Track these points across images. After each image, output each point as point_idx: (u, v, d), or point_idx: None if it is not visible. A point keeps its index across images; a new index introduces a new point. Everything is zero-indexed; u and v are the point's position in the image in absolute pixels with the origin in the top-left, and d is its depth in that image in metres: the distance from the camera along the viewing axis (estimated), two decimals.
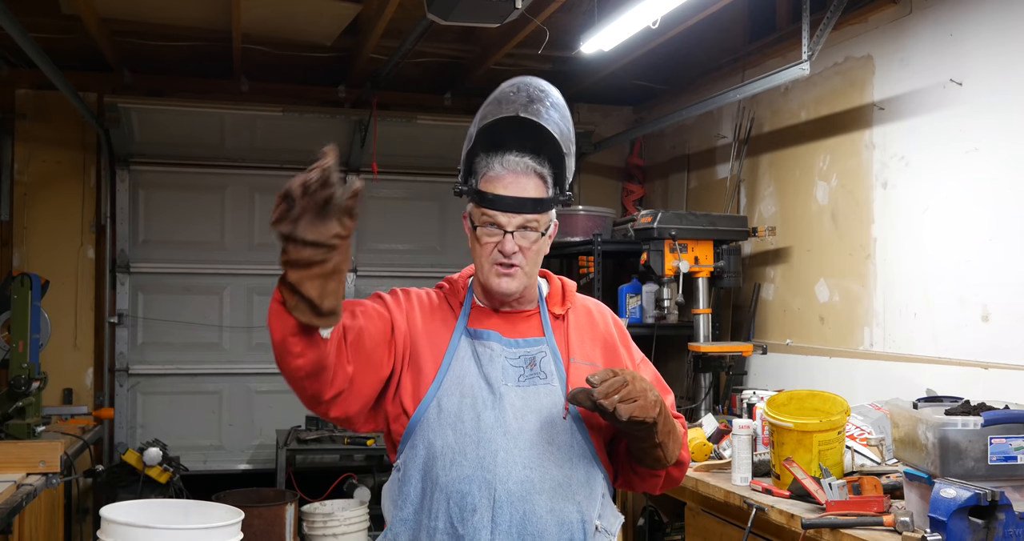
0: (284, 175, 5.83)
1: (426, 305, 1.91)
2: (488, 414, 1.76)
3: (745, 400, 3.88)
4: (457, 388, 1.79)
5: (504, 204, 1.80)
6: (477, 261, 1.86)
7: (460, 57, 5.44)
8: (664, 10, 3.72)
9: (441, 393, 1.79)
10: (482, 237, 1.83)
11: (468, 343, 1.85)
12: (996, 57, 3.30)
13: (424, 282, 6.15)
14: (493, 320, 1.89)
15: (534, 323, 1.90)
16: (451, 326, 1.87)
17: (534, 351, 1.86)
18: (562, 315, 1.93)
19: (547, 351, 1.87)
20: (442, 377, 1.81)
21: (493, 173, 1.83)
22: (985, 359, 3.29)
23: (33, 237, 5.42)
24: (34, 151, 5.43)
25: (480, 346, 1.84)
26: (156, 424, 5.61)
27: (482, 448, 1.74)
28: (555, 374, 1.84)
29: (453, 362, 1.82)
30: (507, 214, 1.80)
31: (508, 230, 1.80)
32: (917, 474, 2.56)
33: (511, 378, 1.81)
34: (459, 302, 1.91)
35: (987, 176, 3.34)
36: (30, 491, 3.45)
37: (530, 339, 1.88)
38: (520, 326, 1.89)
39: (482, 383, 1.80)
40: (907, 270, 3.72)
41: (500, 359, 1.83)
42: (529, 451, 1.75)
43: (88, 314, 5.52)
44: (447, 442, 1.76)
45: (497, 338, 1.85)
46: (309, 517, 4.84)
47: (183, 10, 4.57)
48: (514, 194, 1.80)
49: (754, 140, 4.85)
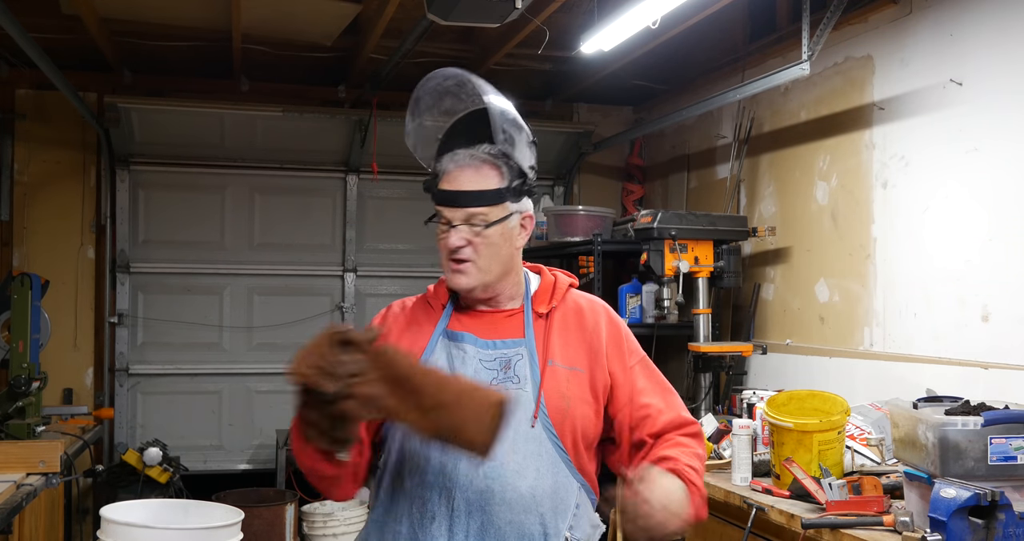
0: (284, 175, 5.85)
1: (401, 318, 1.89)
2: None
3: (745, 400, 3.88)
4: None
5: (445, 198, 1.78)
6: (440, 257, 1.84)
7: (460, 57, 5.44)
8: (664, 10, 3.72)
9: None
10: (439, 233, 1.81)
11: (444, 345, 1.82)
12: (996, 57, 3.30)
13: (424, 282, 6.11)
14: (473, 321, 1.84)
15: (515, 323, 1.84)
16: (429, 330, 1.84)
17: (510, 353, 1.80)
18: (545, 314, 1.86)
19: (524, 353, 1.80)
20: None
21: (444, 169, 1.81)
22: (985, 359, 3.29)
23: (33, 237, 5.42)
24: (34, 151, 5.43)
25: (455, 348, 1.81)
26: (156, 424, 5.60)
27: (445, 455, 1.71)
28: (528, 379, 1.78)
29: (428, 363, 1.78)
30: (450, 208, 1.77)
31: (454, 224, 1.78)
32: (917, 474, 2.56)
33: (482, 381, 1.75)
34: (441, 304, 1.88)
35: (987, 176, 3.33)
36: (30, 491, 3.45)
37: (508, 341, 1.82)
38: (500, 327, 1.84)
39: None
40: (907, 270, 3.72)
41: (473, 361, 1.78)
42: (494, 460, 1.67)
43: (88, 314, 5.52)
44: (414, 447, 1.74)
45: (472, 340, 1.81)
46: (309, 517, 4.85)
47: (183, 10, 4.57)
48: (458, 188, 1.77)
49: (754, 140, 4.85)
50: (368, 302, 6.03)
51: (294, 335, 5.86)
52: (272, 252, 5.88)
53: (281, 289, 5.90)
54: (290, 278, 5.92)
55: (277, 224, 5.88)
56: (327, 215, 5.98)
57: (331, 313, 5.97)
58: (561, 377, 1.79)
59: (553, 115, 6.25)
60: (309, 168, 5.90)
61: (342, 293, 5.97)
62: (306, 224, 5.93)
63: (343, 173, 5.96)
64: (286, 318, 5.86)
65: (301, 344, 1.49)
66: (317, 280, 5.97)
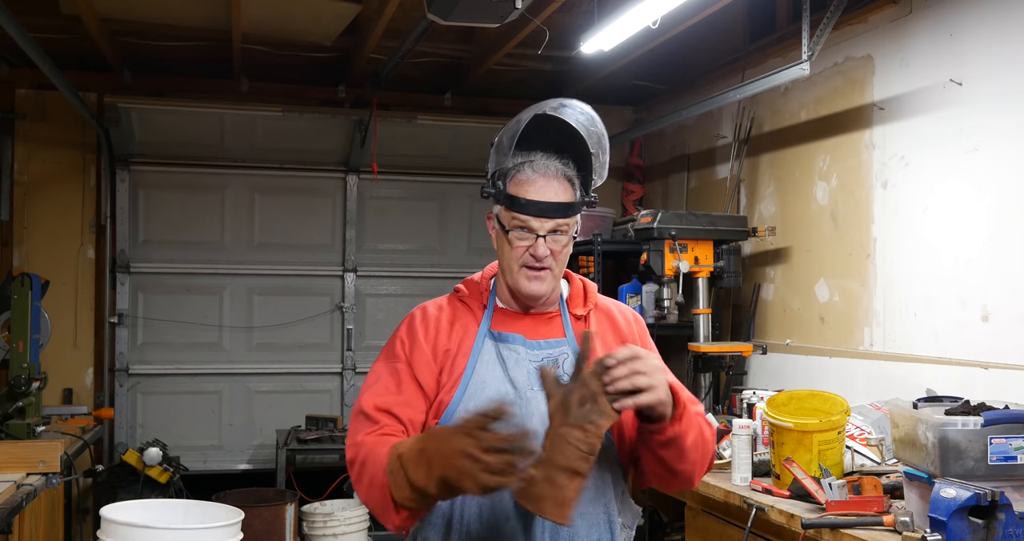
0: (284, 175, 5.85)
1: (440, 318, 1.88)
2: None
3: (745, 400, 3.88)
4: (482, 392, 1.78)
5: (537, 209, 1.78)
6: (506, 263, 1.84)
7: (460, 57, 5.44)
8: (664, 10, 3.72)
9: (467, 398, 1.77)
10: (513, 241, 1.81)
11: (492, 346, 1.84)
12: (996, 57, 3.30)
13: (424, 282, 6.19)
14: (516, 322, 1.88)
15: (556, 324, 1.89)
16: (473, 329, 1.86)
17: (556, 353, 1.85)
18: (583, 316, 1.92)
19: (569, 353, 1.85)
20: (467, 381, 1.79)
21: (524, 177, 1.81)
22: (985, 359, 3.29)
23: (33, 237, 5.42)
24: (34, 151, 5.43)
25: (505, 349, 1.83)
26: (156, 424, 5.61)
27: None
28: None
29: (478, 365, 1.81)
30: (539, 219, 1.79)
31: (540, 234, 1.79)
32: (917, 474, 2.56)
33: (535, 381, 1.76)
34: (481, 305, 1.90)
35: (987, 176, 3.33)
36: (30, 491, 3.45)
37: (552, 341, 1.86)
38: (542, 328, 1.88)
39: (508, 387, 1.79)
40: (907, 270, 3.72)
41: (524, 361, 1.81)
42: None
43: (88, 314, 5.52)
44: None
45: (521, 341, 1.84)
46: (309, 517, 4.84)
47: (183, 10, 4.57)
48: (545, 198, 1.79)
49: (754, 140, 4.85)
50: (368, 302, 6.03)
51: (294, 335, 5.87)
52: (272, 252, 5.88)
53: (281, 289, 5.90)
54: (290, 278, 5.92)
55: (277, 224, 5.88)
56: (327, 215, 5.98)
57: (331, 313, 5.97)
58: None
59: None
60: (309, 168, 5.90)
61: (342, 293, 5.97)
62: (306, 224, 5.93)
63: (343, 173, 5.96)
64: (286, 318, 5.86)
65: (301, 344, 1.48)
66: (317, 280, 5.97)
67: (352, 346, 5.95)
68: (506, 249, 1.83)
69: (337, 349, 5.97)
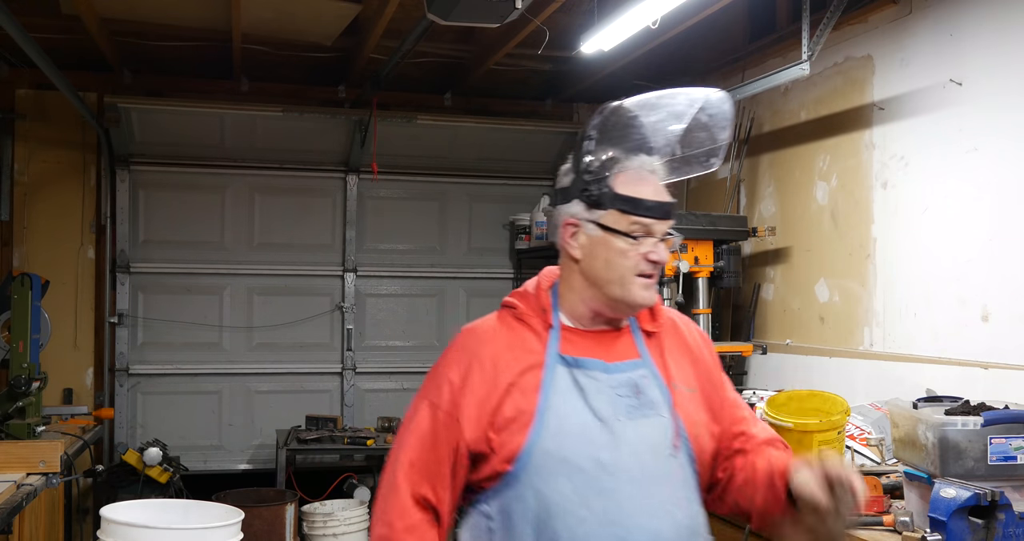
0: (284, 175, 5.85)
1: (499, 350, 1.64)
2: (605, 456, 1.56)
3: (745, 400, 3.88)
4: (563, 428, 1.57)
5: (661, 210, 1.63)
6: (616, 274, 1.63)
7: (460, 57, 5.43)
8: (664, 10, 3.72)
9: (546, 437, 1.56)
10: (627, 247, 1.63)
11: (565, 373, 1.62)
12: (996, 57, 3.30)
13: (424, 282, 6.19)
14: (587, 342, 1.67)
15: (627, 343, 1.70)
16: (539, 354, 1.64)
17: (636, 376, 1.65)
18: (655, 332, 1.74)
19: (648, 375, 1.67)
20: (543, 417, 1.57)
21: (636, 175, 1.63)
22: (985, 359, 3.29)
23: (33, 237, 5.42)
24: (34, 151, 5.43)
25: (583, 376, 1.62)
26: (156, 424, 5.60)
27: (606, 498, 1.54)
28: (663, 403, 1.64)
29: (552, 397, 1.59)
30: (660, 221, 1.63)
31: (659, 238, 1.65)
32: (917, 474, 2.56)
33: (621, 411, 1.60)
34: (545, 324, 1.68)
35: (987, 176, 3.33)
36: (30, 491, 3.45)
37: (628, 362, 1.67)
38: (615, 347, 1.68)
39: (592, 419, 1.58)
40: (907, 270, 3.72)
41: (606, 390, 1.61)
42: (652, 497, 1.57)
43: (88, 314, 5.52)
44: (563, 493, 1.54)
45: (601, 366, 1.64)
46: (309, 517, 4.84)
47: (183, 10, 4.57)
48: (662, 198, 1.64)
49: (754, 140, 4.85)
50: (368, 302, 6.03)
51: (294, 335, 5.87)
52: (272, 252, 5.88)
53: (281, 289, 5.90)
54: (290, 278, 5.92)
55: (277, 224, 5.87)
56: (327, 215, 5.97)
57: (331, 313, 5.97)
58: (686, 399, 1.66)
59: (553, 115, 6.25)
60: (309, 168, 5.90)
61: (342, 293, 5.96)
62: (306, 224, 5.93)
63: (343, 173, 5.95)
64: (286, 318, 5.86)
65: (301, 344, 1.47)
66: (317, 280, 5.97)
67: (352, 346, 5.95)
68: (614, 257, 1.63)
69: (337, 349, 5.97)
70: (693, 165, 1.71)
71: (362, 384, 6.01)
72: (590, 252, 1.65)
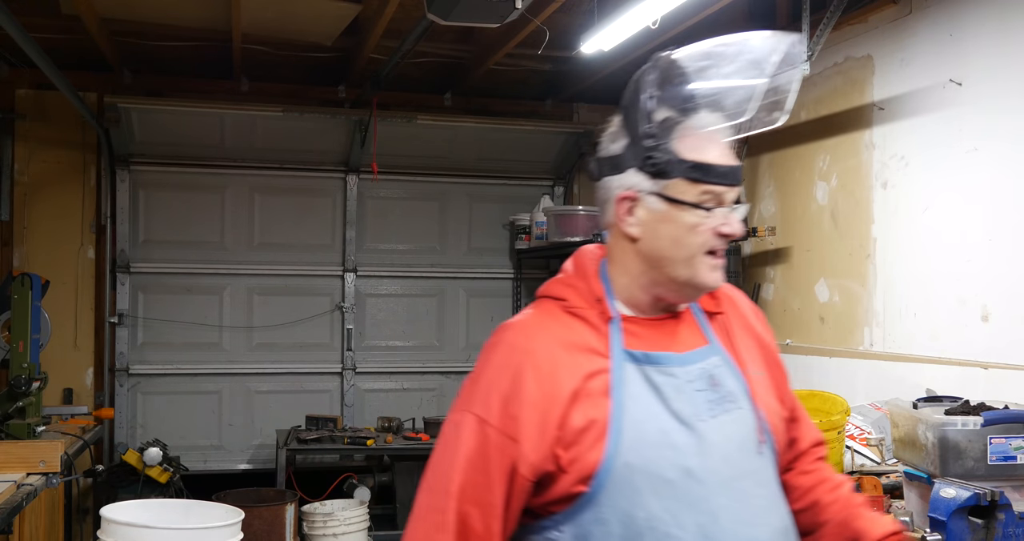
0: (284, 175, 5.86)
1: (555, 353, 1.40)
2: (694, 464, 1.36)
3: None
4: (643, 437, 1.36)
5: (733, 176, 1.41)
6: (683, 253, 1.42)
7: (460, 57, 5.44)
8: (664, 10, 3.72)
9: (625, 449, 1.35)
10: (698, 221, 1.41)
11: (635, 371, 1.41)
12: (996, 57, 3.30)
13: (424, 282, 6.19)
14: (651, 333, 1.46)
15: (691, 328, 1.51)
16: (601, 351, 1.41)
17: (709, 366, 1.46)
18: (717, 313, 1.55)
19: (721, 363, 1.48)
20: (619, 427, 1.35)
21: (703, 137, 1.41)
22: (985, 359, 3.29)
23: (33, 237, 5.42)
24: (34, 151, 5.43)
25: (657, 374, 1.41)
26: (156, 424, 5.61)
27: (699, 512, 1.35)
28: (741, 393, 1.46)
29: (625, 401, 1.37)
30: (731, 188, 1.42)
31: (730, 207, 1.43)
32: (917, 474, 2.56)
33: (702, 409, 1.41)
34: (604, 316, 1.44)
35: (987, 176, 3.34)
36: (30, 491, 3.45)
37: (698, 350, 1.47)
38: (681, 336, 1.48)
39: (673, 424, 1.38)
40: (907, 270, 3.72)
41: (685, 386, 1.42)
42: (746, 503, 1.39)
43: (88, 314, 5.51)
44: (651, 511, 1.34)
45: (676, 360, 1.44)
46: (309, 517, 4.84)
47: (183, 10, 4.57)
48: (731, 162, 1.43)
49: (754, 140, 4.85)
50: (368, 302, 6.03)
51: (294, 335, 5.87)
52: (272, 252, 5.88)
53: (281, 289, 5.90)
54: (290, 278, 5.92)
55: (277, 224, 5.88)
56: (327, 215, 5.97)
57: (331, 313, 5.97)
58: (760, 385, 1.49)
59: (553, 115, 6.24)
60: (309, 168, 5.90)
61: (342, 293, 5.96)
62: (306, 224, 5.93)
63: (343, 173, 5.95)
64: (286, 318, 5.86)
65: (301, 344, 1.46)
66: (317, 280, 5.97)
67: (352, 346, 5.95)
68: (683, 233, 1.41)
69: (337, 349, 5.97)
70: (754, 122, 1.48)
71: (362, 384, 6.01)
72: (652, 229, 1.42)
